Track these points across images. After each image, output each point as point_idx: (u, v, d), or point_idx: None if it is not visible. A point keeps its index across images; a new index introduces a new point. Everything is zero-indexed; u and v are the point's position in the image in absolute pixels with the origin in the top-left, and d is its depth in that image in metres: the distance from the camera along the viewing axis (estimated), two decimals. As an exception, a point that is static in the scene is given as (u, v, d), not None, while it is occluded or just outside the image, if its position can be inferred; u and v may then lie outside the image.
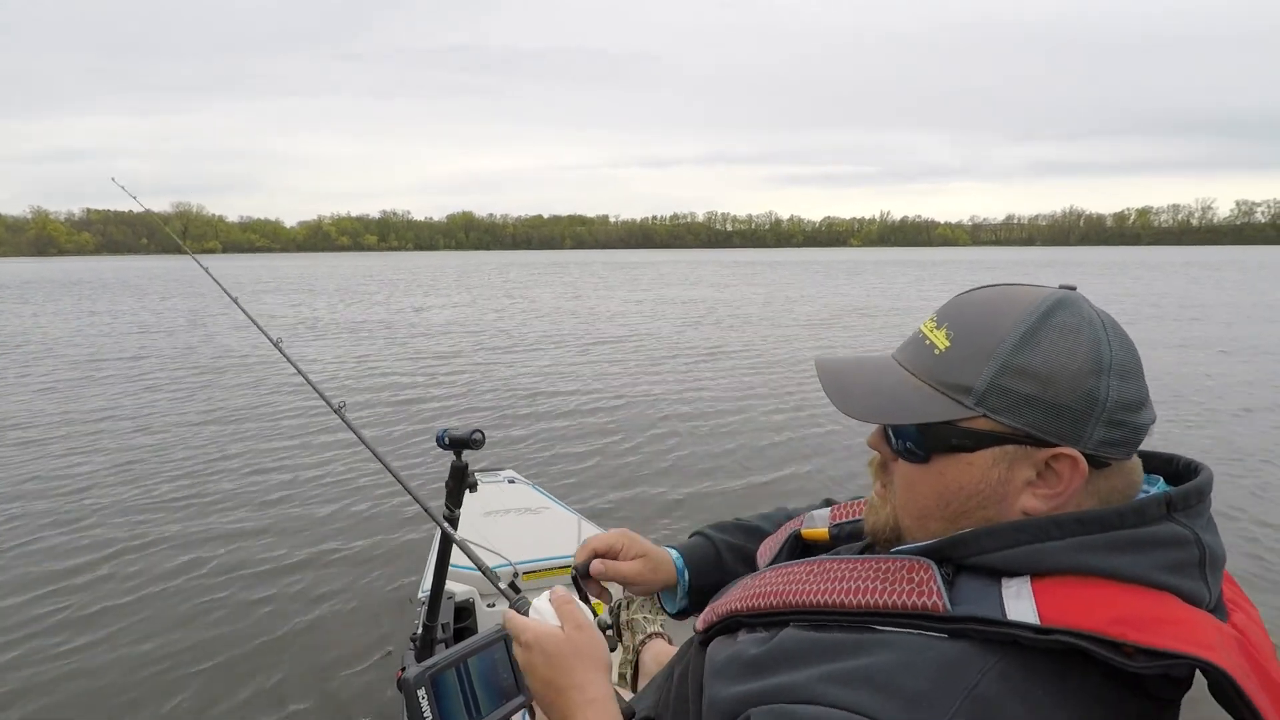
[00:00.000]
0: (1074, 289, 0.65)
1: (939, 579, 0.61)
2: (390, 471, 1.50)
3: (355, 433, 1.60)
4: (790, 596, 0.71)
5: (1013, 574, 0.60)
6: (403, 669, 0.72)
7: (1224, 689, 0.53)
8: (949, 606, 0.59)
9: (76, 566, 3.84)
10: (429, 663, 0.76)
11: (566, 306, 20.27)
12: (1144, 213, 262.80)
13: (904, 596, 0.62)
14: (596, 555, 1.02)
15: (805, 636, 0.66)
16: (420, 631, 1.84)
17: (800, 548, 0.92)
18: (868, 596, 0.64)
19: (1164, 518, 0.60)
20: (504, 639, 0.85)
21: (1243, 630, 0.60)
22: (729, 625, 0.80)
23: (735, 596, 0.82)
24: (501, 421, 6.93)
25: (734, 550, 1.05)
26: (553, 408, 7.53)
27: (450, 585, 2.22)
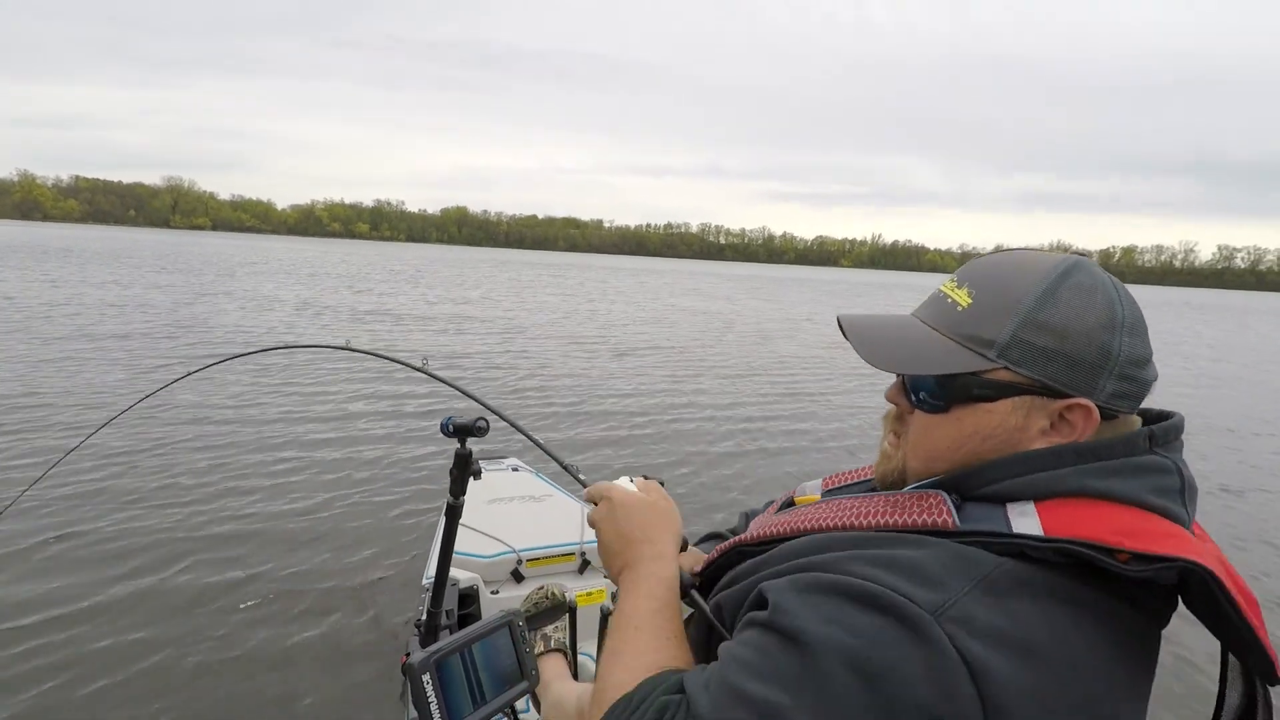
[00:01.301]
0: (1087, 254, 0.69)
1: (949, 501, 0.66)
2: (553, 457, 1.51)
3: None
4: (799, 524, 0.74)
5: (1017, 499, 0.64)
6: (407, 654, 0.75)
7: (1206, 591, 0.57)
8: (958, 523, 0.63)
9: (69, 553, 3.83)
10: (434, 648, 0.77)
11: (575, 308, 20.29)
12: (1129, 251, 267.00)
13: (914, 517, 0.66)
14: None
15: (830, 534, 0.69)
16: (424, 617, 1.86)
17: None
18: (878, 518, 0.68)
19: (1148, 450, 0.65)
20: (508, 625, 0.85)
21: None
22: (732, 559, 0.80)
23: (736, 538, 0.82)
24: (505, 409, 6.95)
25: None
26: (556, 397, 7.62)
27: (454, 572, 2.26)
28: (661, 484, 0.99)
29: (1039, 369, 0.65)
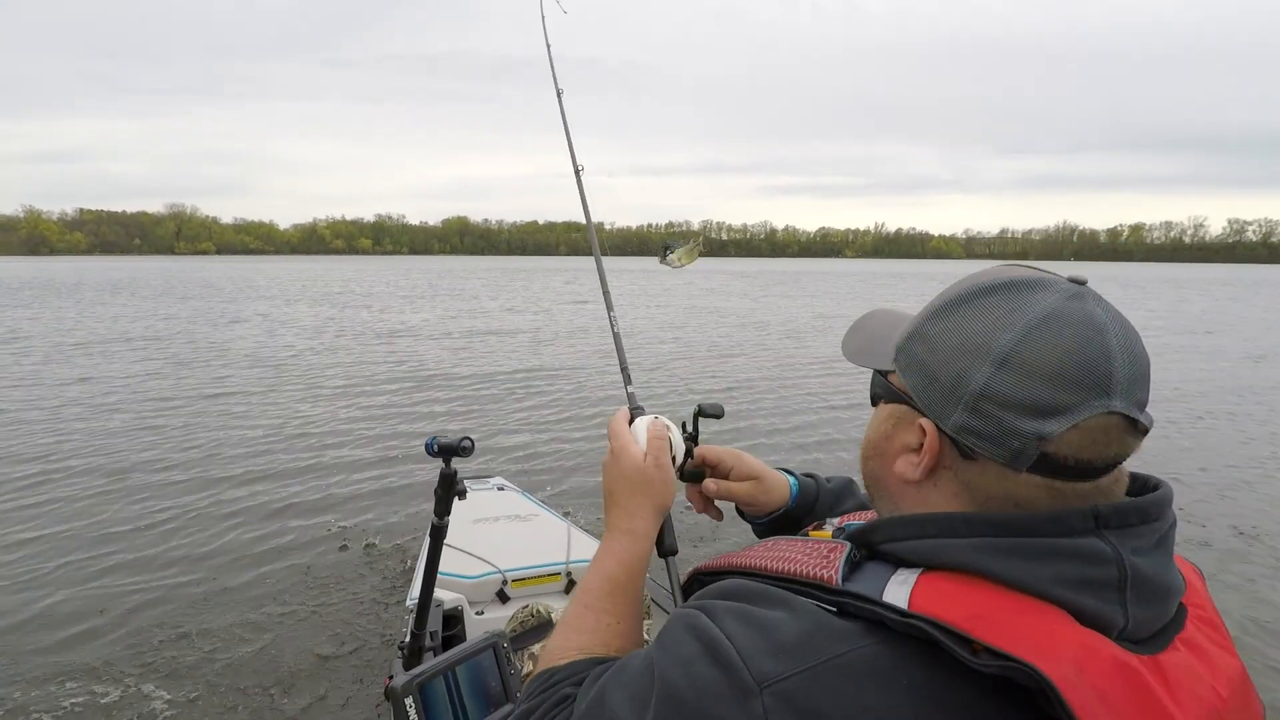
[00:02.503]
0: (1082, 283, 0.61)
1: (844, 556, 0.63)
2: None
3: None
4: (735, 560, 0.77)
5: (910, 564, 0.60)
6: (390, 677, 0.71)
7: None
8: (840, 582, 0.60)
9: (56, 560, 3.79)
10: (417, 671, 0.76)
11: (576, 319, 20.25)
12: (1137, 229, 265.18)
13: (811, 567, 0.64)
14: (707, 465, 1.01)
15: (740, 581, 0.70)
16: (408, 639, 1.81)
17: None
18: (783, 564, 0.68)
19: (1090, 531, 0.56)
20: (493, 646, 0.84)
21: (1167, 668, 0.55)
22: (691, 584, 0.85)
23: (694, 568, 0.87)
24: (491, 429, 6.90)
25: (832, 497, 1.06)
26: (544, 415, 7.51)
27: (438, 593, 2.19)
28: (684, 428, 0.98)
29: (908, 378, 0.64)
